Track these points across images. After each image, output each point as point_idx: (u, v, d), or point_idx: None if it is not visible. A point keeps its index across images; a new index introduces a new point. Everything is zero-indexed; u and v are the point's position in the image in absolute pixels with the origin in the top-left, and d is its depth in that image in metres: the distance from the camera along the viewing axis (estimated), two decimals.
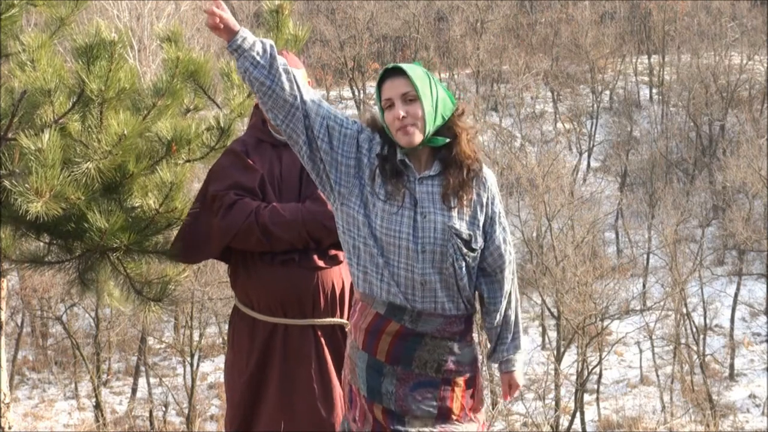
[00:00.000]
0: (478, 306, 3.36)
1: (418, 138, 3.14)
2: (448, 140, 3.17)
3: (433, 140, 3.18)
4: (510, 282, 3.34)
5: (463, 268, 3.21)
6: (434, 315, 3.20)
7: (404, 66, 3.16)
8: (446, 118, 3.19)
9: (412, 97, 3.13)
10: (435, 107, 3.15)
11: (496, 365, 3.42)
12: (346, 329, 3.88)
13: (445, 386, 3.25)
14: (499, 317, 3.34)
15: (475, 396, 3.33)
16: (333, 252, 4.05)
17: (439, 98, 3.17)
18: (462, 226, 3.19)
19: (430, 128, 3.15)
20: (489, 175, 3.28)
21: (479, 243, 3.23)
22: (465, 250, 3.20)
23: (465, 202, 3.19)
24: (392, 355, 3.22)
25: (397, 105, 3.13)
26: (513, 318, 3.37)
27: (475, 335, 3.41)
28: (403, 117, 3.11)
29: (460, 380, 3.28)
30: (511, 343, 3.36)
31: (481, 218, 3.24)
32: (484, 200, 3.25)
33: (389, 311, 3.20)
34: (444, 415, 3.26)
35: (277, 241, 3.95)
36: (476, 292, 3.34)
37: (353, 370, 3.29)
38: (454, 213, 3.18)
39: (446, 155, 3.19)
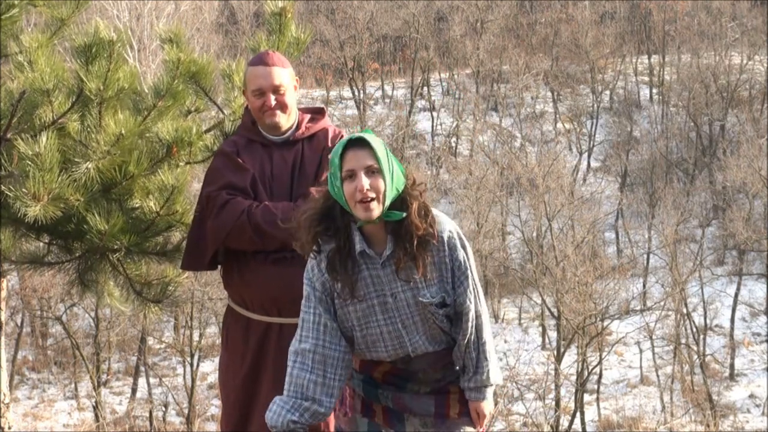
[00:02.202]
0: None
1: (377, 212, 3.09)
2: (404, 215, 3.12)
3: (390, 215, 3.12)
4: (469, 329, 3.28)
5: (445, 321, 3.25)
6: (424, 356, 3.28)
7: (369, 138, 3.11)
8: (400, 191, 3.14)
9: (375, 170, 3.08)
10: (392, 180, 3.12)
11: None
12: None
13: (440, 395, 3.34)
14: (460, 354, 3.31)
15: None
16: None
17: (394, 171, 3.12)
18: (431, 291, 3.20)
19: (387, 202, 3.11)
20: (446, 231, 3.21)
21: (451, 296, 3.24)
22: (441, 311, 3.22)
23: (424, 269, 3.16)
24: (387, 381, 3.32)
25: (359, 177, 3.06)
26: (475, 355, 3.31)
27: None
28: (366, 190, 3.06)
29: (455, 388, 3.35)
30: (474, 375, 3.31)
31: (448, 275, 3.23)
32: (447, 259, 3.21)
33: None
34: (442, 415, 3.32)
35: (270, 239, 3.96)
36: None
37: (349, 378, 3.37)
38: (420, 283, 3.18)
39: (397, 228, 3.14)
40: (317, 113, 4.26)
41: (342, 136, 4.19)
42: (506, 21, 46.35)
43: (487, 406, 3.35)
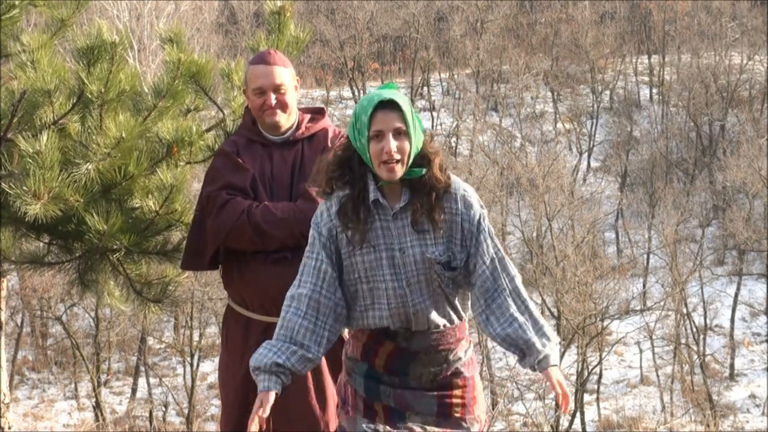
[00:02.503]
0: (477, 314, 3.32)
1: (400, 173, 3.14)
2: (424, 171, 3.17)
3: (412, 172, 3.17)
4: (511, 291, 3.25)
5: (450, 286, 3.24)
6: (428, 332, 3.25)
7: (399, 101, 3.14)
8: (419, 148, 3.18)
9: (402, 132, 3.13)
10: (416, 140, 3.16)
11: (531, 368, 3.28)
12: (343, 335, 3.88)
13: (443, 390, 3.30)
14: (516, 327, 3.24)
15: (474, 395, 3.35)
16: None
17: (417, 131, 3.17)
18: (438, 250, 3.20)
19: (410, 162, 3.16)
20: (461, 189, 3.25)
21: (459, 259, 3.23)
22: (447, 273, 3.21)
23: (437, 224, 3.19)
24: (389, 368, 3.28)
25: (388, 139, 3.11)
26: (529, 317, 3.25)
27: (474, 336, 3.42)
28: (393, 152, 3.11)
29: (458, 381, 3.31)
30: (539, 340, 3.23)
31: (458, 235, 3.23)
32: (458, 217, 3.23)
33: (383, 333, 3.26)
34: (445, 413, 3.29)
35: (270, 239, 3.96)
36: (477, 303, 3.29)
37: (351, 375, 3.34)
38: (429, 239, 3.19)
39: (416, 182, 3.18)
40: (317, 113, 4.26)
41: (342, 136, 4.20)
42: (506, 21, 46.35)
43: (557, 372, 3.23)
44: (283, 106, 4.06)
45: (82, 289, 5.25)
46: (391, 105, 3.15)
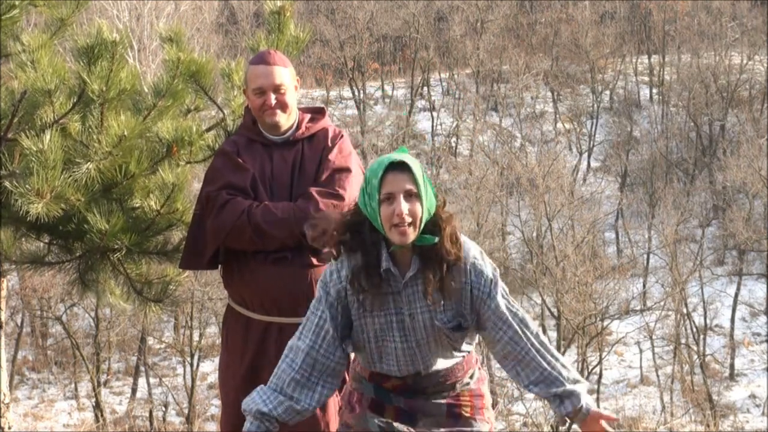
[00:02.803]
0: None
1: (412, 237, 3.08)
2: (436, 239, 3.12)
3: (423, 239, 3.12)
4: (536, 350, 3.24)
5: (459, 340, 3.25)
6: (436, 373, 3.30)
7: (410, 162, 3.11)
8: (431, 213, 3.14)
9: (413, 194, 3.08)
10: (427, 204, 3.12)
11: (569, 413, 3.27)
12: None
13: (452, 398, 3.35)
14: (549, 379, 3.25)
15: (483, 402, 3.41)
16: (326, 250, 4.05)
17: (429, 194, 3.13)
18: (447, 316, 3.19)
19: (421, 226, 3.10)
20: (470, 256, 3.20)
21: (469, 320, 3.23)
22: (456, 334, 3.22)
23: (449, 294, 3.17)
24: (398, 392, 3.33)
25: (399, 201, 3.05)
26: (561, 367, 3.26)
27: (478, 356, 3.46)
28: (404, 215, 3.06)
29: (466, 391, 3.38)
30: (570, 386, 3.25)
31: (467, 301, 3.21)
32: (468, 285, 3.19)
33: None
34: (455, 413, 3.33)
35: (270, 239, 3.96)
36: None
37: (359, 383, 3.39)
38: (438, 307, 3.18)
39: (426, 249, 3.13)
40: (317, 113, 4.26)
41: (342, 136, 4.20)
42: (506, 21, 46.33)
43: (592, 404, 3.25)
44: (282, 106, 4.07)
45: (82, 289, 5.26)
46: (401, 167, 3.10)
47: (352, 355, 3.37)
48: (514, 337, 3.22)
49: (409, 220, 3.06)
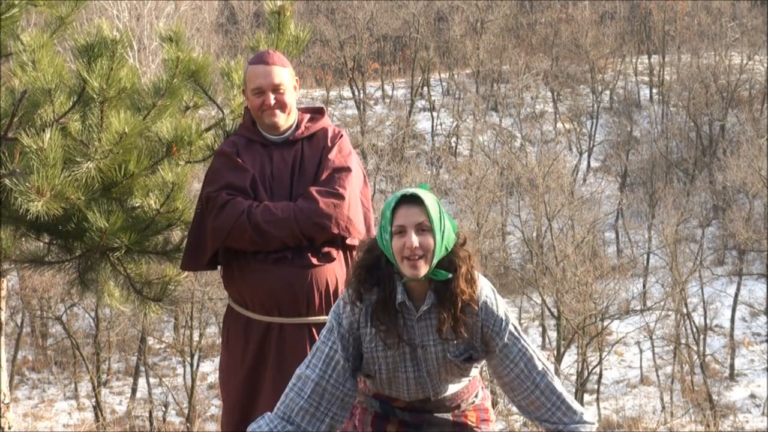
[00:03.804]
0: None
1: (423, 270, 3.07)
2: (450, 275, 3.11)
3: (437, 273, 3.11)
4: (543, 389, 3.25)
5: (469, 369, 3.27)
6: (443, 398, 3.33)
7: (422, 195, 3.10)
8: (449, 249, 3.13)
9: (425, 228, 3.07)
10: (442, 238, 3.10)
11: None
12: None
13: (458, 415, 3.40)
14: (555, 419, 3.26)
15: (488, 416, 3.47)
16: (326, 249, 4.05)
17: (445, 230, 3.11)
18: (458, 350, 3.20)
19: (435, 261, 3.09)
20: (483, 295, 3.19)
21: (479, 351, 3.24)
22: (467, 364, 3.24)
23: (462, 331, 3.17)
24: (404, 408, 3.36)
25: (410, 234, 3.05)
26: (566, 410, 3.26)
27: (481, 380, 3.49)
28: (415, 248, 3.05)
29: (471, 407, 3.43)
30: (572, 427, 3.26)
31: (478, 336, 3.21)
32: (479, 322, 3.20)
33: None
34: (461, 424, 3.38)
35: (270, 239, 3.96)
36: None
37: (365, 397, 3.40)
38: (451, 342, 3.19)
39: (441, 286, 3.13)
40: (317, 113, 4.26)
41: (341, 136, 4.21)
42: (506, 21, 46.34)
43: None
44: (282, 105, 4.07)
45: (82, 288, 5.25)
46: (414, 200, 3.09)
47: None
48: (519, 375, 3.23)
49: (420, 253, 3.05)
